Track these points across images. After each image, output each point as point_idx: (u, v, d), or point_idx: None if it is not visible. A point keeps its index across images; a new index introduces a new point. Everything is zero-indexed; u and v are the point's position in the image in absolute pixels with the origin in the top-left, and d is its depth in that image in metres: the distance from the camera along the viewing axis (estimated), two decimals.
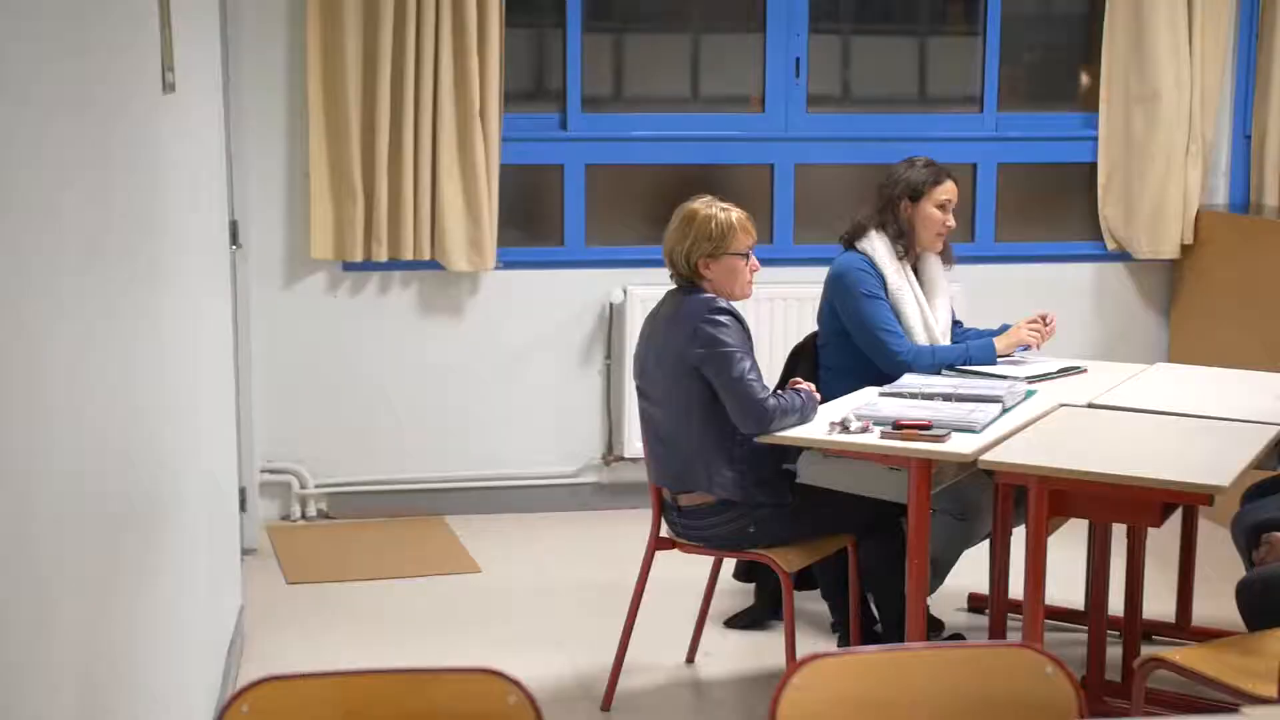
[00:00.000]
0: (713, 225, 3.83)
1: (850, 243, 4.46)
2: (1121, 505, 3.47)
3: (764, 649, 4.35)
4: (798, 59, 5.77)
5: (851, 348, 4.39)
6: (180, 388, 3.26)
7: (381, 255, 5.40)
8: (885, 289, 4.38)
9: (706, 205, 3.88)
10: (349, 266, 5.49)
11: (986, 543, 4.22)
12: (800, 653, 3.63)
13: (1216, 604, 4.01)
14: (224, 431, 4.27)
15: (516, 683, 1.95)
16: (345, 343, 5.55)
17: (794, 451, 3.84)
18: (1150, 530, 3.89)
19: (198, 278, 3.65)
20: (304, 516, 5.55)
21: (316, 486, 5.56)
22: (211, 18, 4.24)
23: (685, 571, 4.46)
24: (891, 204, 4.42)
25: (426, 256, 5.46)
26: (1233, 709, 1.93)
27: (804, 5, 5.75)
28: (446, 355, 5.62)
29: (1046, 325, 4.49)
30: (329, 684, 1.98)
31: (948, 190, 4.44)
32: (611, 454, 5.74)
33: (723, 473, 3.80)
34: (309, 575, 5.02)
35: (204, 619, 3.61)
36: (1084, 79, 6.06)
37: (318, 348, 5.52)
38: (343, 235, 5.37)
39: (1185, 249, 5.88)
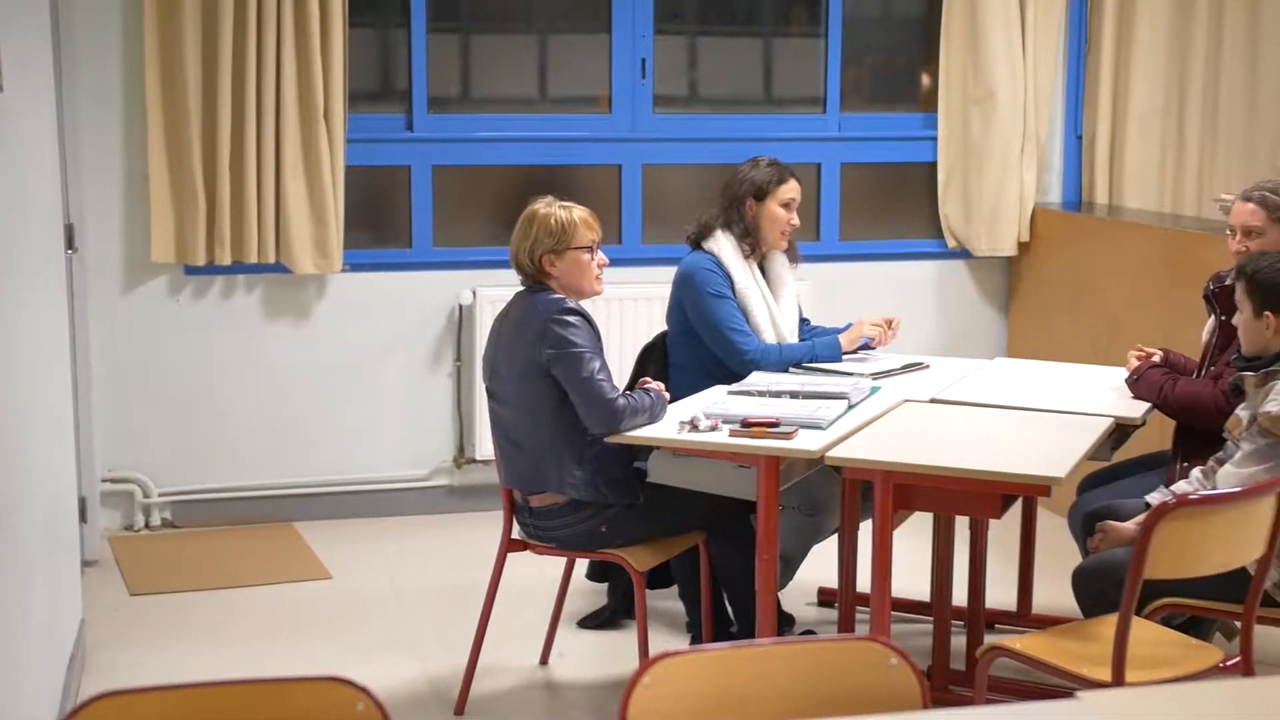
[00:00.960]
0: (553, 221, 3.84)
1: (697, 243, 4.50)
2: (963, 498, 3.55)
3: (618, 649, 4.37)
4: (644, 60, 5.80)
5: (700, 347, 4.42)
6: (11, 396, 3.16)
7: (225, 258, 5.30)
8: (732, 288, 4.42)
9: (547, 204, 3.89)
10: (191, 270, 5.38)
11: (836, 537, 4.28)
12: (654, 652, 3.64)
13: (1056, 592, 4.11)
14: (62, 440, 4.15)
15: (364, 690, 1.93)
16: (189, 348, 5.43)
17: (644, 451, 3.86)
18: (992, 521, 3.98)
19: (29, 282, 3.55)
20: (147, 526, 5.43)
21: (160, 495, 5.44)
22: (42, 17, 4.12)
23: (538, 572, 4.46)
24: (737, 203, 4.47)
25: (271, 259, 5.37)
26: (1069, 694, 1.98)
27: (649, 6, 5.78)
28: (293, 359, 5.54)
29: (890, 328, 4.58)
30: (171, 697, 1.94)
31: (792, 189, 4.50)
32: (463, 456, 5.72)
33: (573, 473, 3.80)
34: (153, 586, 4.91)
35: (43, 634, 3.52)
36: (925, 80, 6.18)
37: (160, 353, 5.41)
38: (184, 238, 5.27)
39: (1022, 246, 6.03)
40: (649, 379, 4.03)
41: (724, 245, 4.45)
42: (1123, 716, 1.91)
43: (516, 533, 4.00)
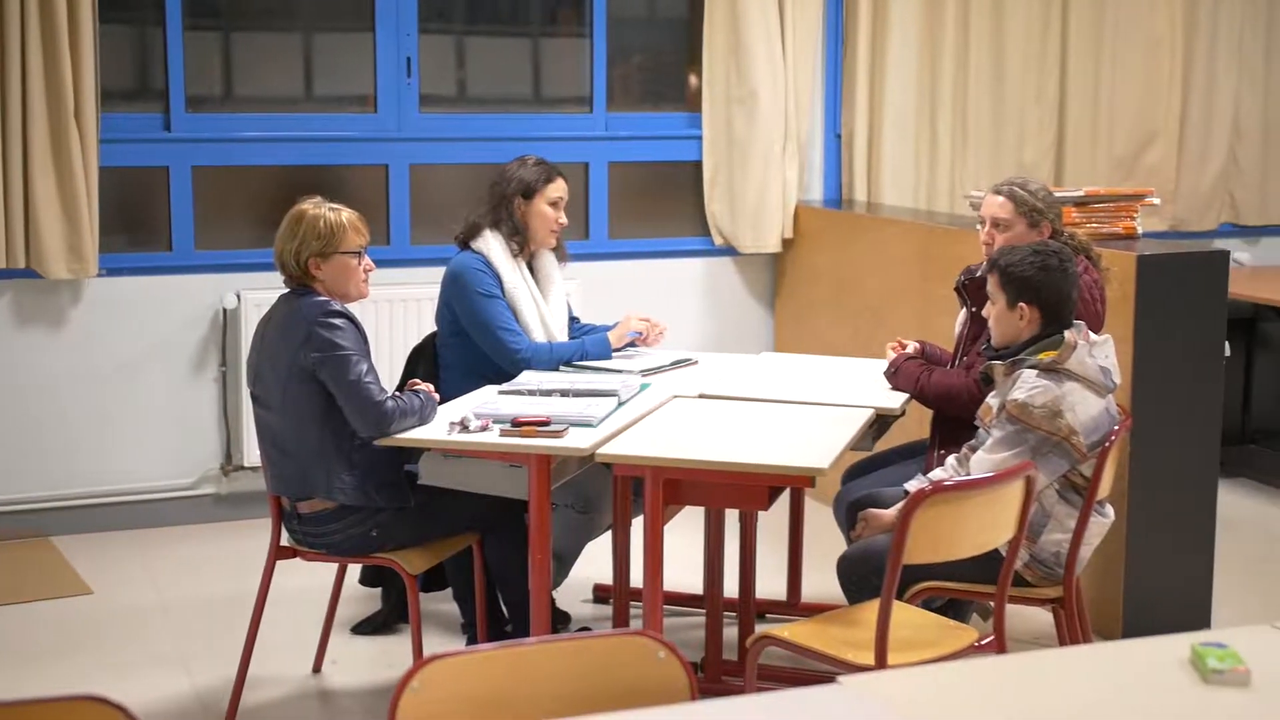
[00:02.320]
0: (322, 224, 3.78)
1: (465, 243, 4.49)
2: (731, 491, 3.61)
3: (392, 654, 4.32)
4: (409, 59, 5.75)
5: (471, 347, 4.41)
6: None
7: None
8: (502, 288, 4.42)
9: (315, 206, 3.83)
10: None
11: (609, 534, 4.32)
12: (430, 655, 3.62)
13: (825, 580, 4.22)
14: None
15: (121, 708, 1.87)
16: None
17: (415, 453, 3.83)
18: (762, 513, 4.05)
19: None
20: None
21: None
22: None
23: (309, 580, 4.39)
24: (505, 202, 4.47)
25: (21, 265, 5.16)
26: (832, 678, 2.03)
27: (413, 5, 5.73)
28: (48, 367, 5.33)
29: (656, 327, 4.63)
30: None
31: (559, 188, 4.52)
32: (230, 463, 5.59)
33: (342, 478, 3.75)
34: None
35: None
36: (692, 80, 6.27)
37: None
38: None
39: (786, 243, 6.16)
40: (418, 381, 4.00)
41: (493, 245, 4.44)
42: (881, 698, 1.97)
43: (286, 540, 3.92)
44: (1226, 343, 4.56)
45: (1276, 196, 7.01)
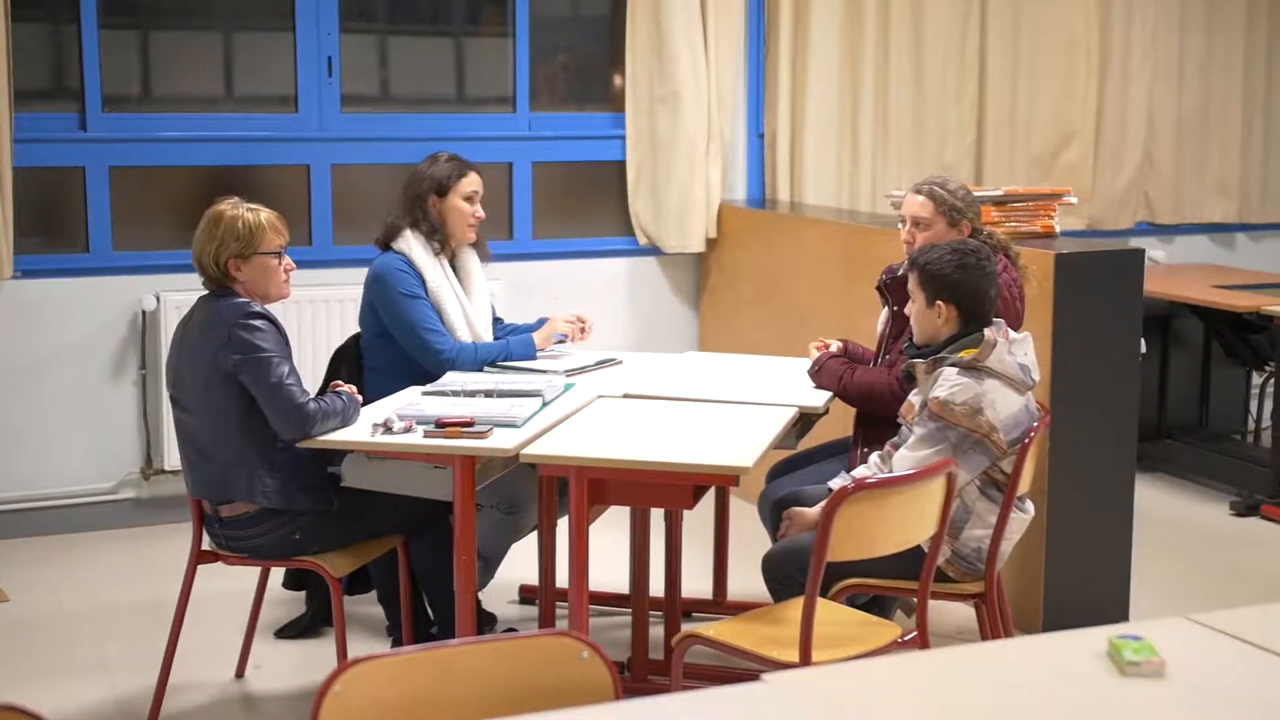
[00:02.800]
0: (240, 225, 3.74)
1: (386, 245, 4.46)
2: (656, 490, 3.62)
3: (316, 657, 4.29)
4: (330, 58, 5.71)
5: (394, 348, 4.38)
6: None
7: None
8: (425, 287, 4.39)
9: (233, 206, 3.79)
10: None
11: (535, 534, 4.31)
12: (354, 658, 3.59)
13: (750, 579, 4.23)
14: None
15: (39, 717, 1.85)
16: None
17: (338, 455, 3.81)
18: (688, 512, 4.06)
19: None
20: None
21: None
22: None
23: (232, 584, 4.35)
24: (419, 201, 4.45)
25: None
26: (758, 676, 2.04)
27: (333, 4, 5.69)
28: None
29: (583, 327, 4.63)
30: None
31: (473, 182, 4.50)
32: (151, 467, 5.52)
33: (264, 481, 3.72)
34: None
35: None
36: (615, 80, 6.27)
37: None
38: None
39: (710, 243, 6.18)
40: (341, 382, 3.97)
41: (413, 244, 4.42)
42: (805, 695, 1.98)
43: (207, 544, 3.88)
44: (1142, 340, 4.63)
45: (1190, 196, 7.13)
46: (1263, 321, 5.90)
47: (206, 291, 3.80)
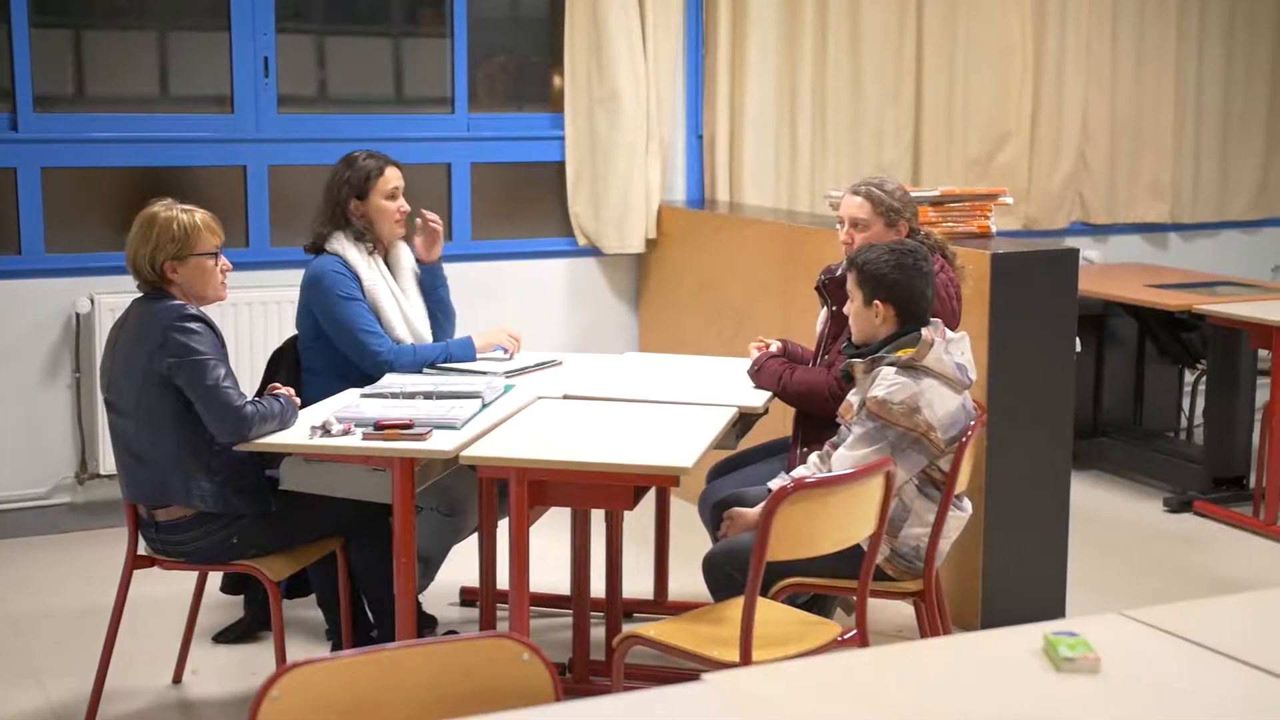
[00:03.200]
0: (175, 226, 3.71)
1: (316, 252, 4.42)
2: (596, 492, 3.61)
3: (255, 662, 4.26)
4: (266, 58, 5.67)
5: (332, 350, 4.36)
6: None
7: None
8: (361, 288, 4.36)
9: (167, 208, 3.75)
10: None
11: (476, 536, 4.30)
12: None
13: (692, 579, 4.24)
14: None
15: None
16: None
17: (276, 458, 3.78)
18: (629, 512, 4.06)
19: None
20: None
21: None
22: None
23: (169, 589, 4.31)
24: (340, 208, 4.41)
25: None
26: (698, 676, 2.05)
27: (269, 4, 5.65)
28: None
29: (517, 341, 4.60)
30: None
31: (392, 178, 4.45)
32: (85, 472, 5.46)
33: (200, 484, 3.68)
34: None
35: None
36: (555, 81, 6.26)
37: None
38: None
39: (650, 243, 6.19)
40: (279, 385, 3.94)
41: (346, 246, 4.39)
42: (744, 695, 1.99)
43: (143, 549, 3.84)
44: (1077, 339, 4.68)
45: (1124, 196, 7.22)
46: (1195, 320, 5.98)
47: (141, 294, 3.77)
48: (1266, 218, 7.57)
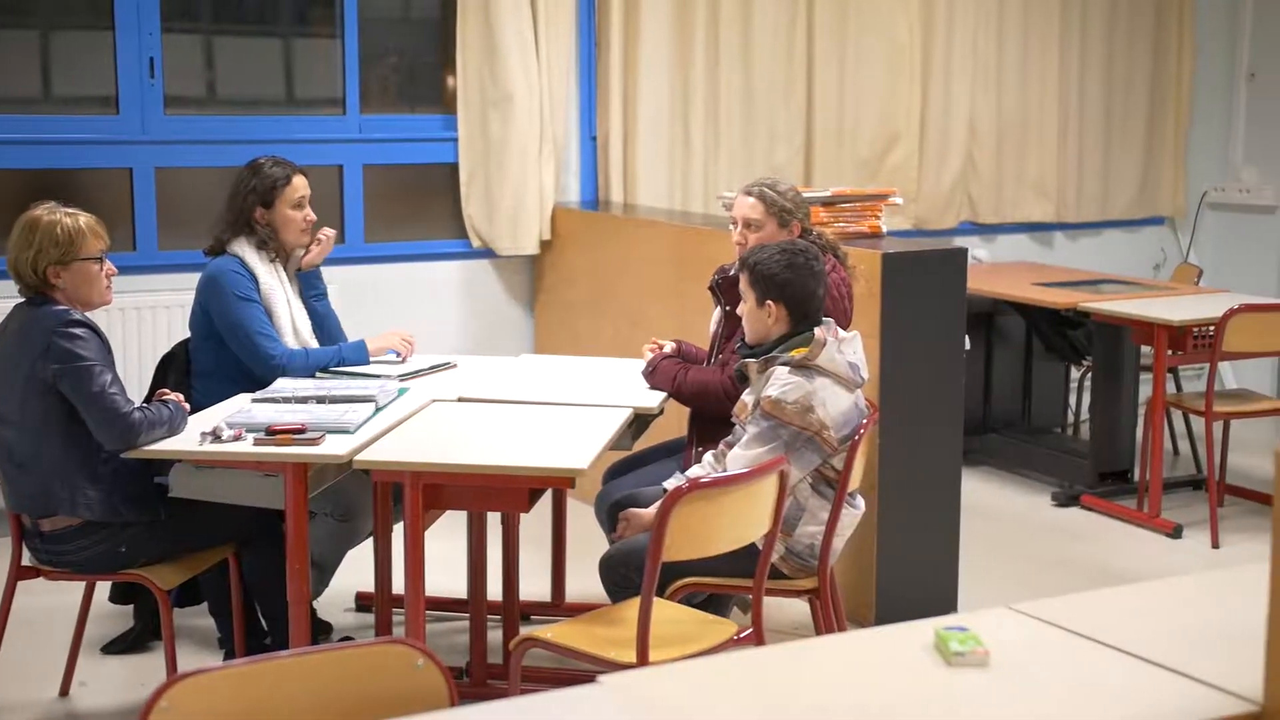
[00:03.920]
0: (59, 230, 3.64)
1: (217, 254, 4.36)
2: (491, 494, 3.60)
3: (145, 673, 4.19)
4: (152, 59, 5.58)
5: (224, 351, 4.29)
6: None
7: None
8: (258, 290, 4.31)
9: (50, 211, 3.68)
10: None
11: (371, 541, 4.26)
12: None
13: (589, 581, 4.24)
14: None
15: None
16: None
17: (165, 464, 3.72)
18: (526, 514, 4.05)
19: None
20: None
21: None
22: None
23: (56, 599, 4.22)
24: (245, 215, 4.35)
25: None
26: (594, 678, 2.05)
27: (155, 3, 5.56)
28: None
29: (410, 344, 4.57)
30: None
31: (299, 187, 4.40)
32: None
33: (86, 493, 3.62)
34: None
35: None
36: (449, 82, 6.23)
37: None
38: None
39: (544, 245, 6.18)
40: (167, 390, 3.88)
41: (246, 248, 4.34)
42: (639, 696, 1.99)
43: (28, 559, 3.76)
44: (967, 337, 4.75)
45: (1010, 196, 7.34)
46: (1080, 318, 6.10)
47: (23, 299, 3.69)
48: (1147, 216, 7.75)
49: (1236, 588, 2.33)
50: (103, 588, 4.20)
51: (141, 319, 5.43)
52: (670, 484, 3.83)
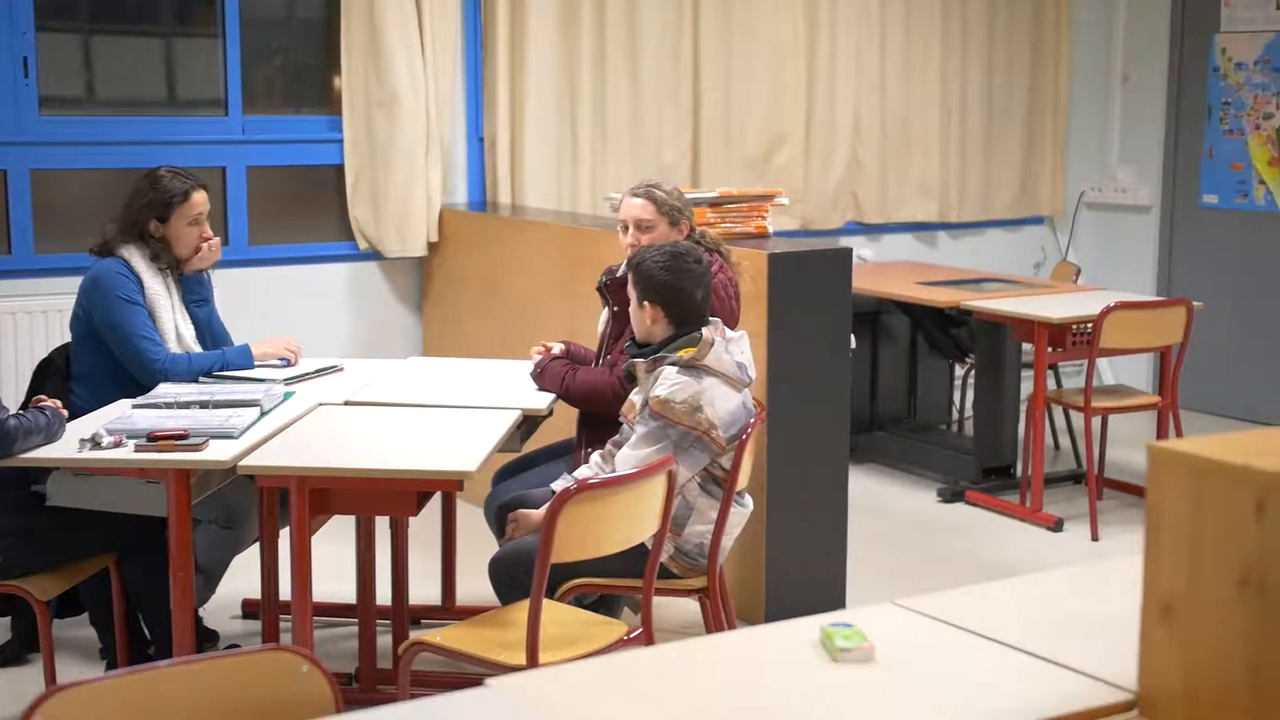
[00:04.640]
0: None
1: (103, 254, 4.28)
2: (379, 498, 3.57)
3: (23, 686, 4.09)
4: (26, 58, 5.45)
5: (104, 354, 4.21)
6: None
7: None
8: (143, 294, 4.23)
9: None
10: None
11: (258, 547, 4.21)
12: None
13: (480, 584, 4.22)
14: None
15: None
16: None
17: (43, 472, 3.64)
18: (415, 518, 4.03)
19: None
20: None
21: None
22: None
23: None
24: (139, 225, 4.27)
25: None
26: (482, 681, 2.04)
27: (28, 1, 5.43)
28: None
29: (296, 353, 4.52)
30: None
31: (198, 203, 4.31)
32: None
33: None
34: None
35: None
36: (334, 83, 6.17)
37: None
38: None
39: (432, 246, 6.15)
40: (44, 397, 3.80)
41: (134, 253, 4.25)
42: (528, 697, 1.99)
43: None
44: (853, 336, 4.80)
45: (895, 196, 7.43)
46: (963, 316, 6.19)
47: None
48: (1028, 216, 7.89)
49: (1113, 579, 2.39)
50: None
51: (18, 324, 5.31)
52: (559, 485, 3.83)
